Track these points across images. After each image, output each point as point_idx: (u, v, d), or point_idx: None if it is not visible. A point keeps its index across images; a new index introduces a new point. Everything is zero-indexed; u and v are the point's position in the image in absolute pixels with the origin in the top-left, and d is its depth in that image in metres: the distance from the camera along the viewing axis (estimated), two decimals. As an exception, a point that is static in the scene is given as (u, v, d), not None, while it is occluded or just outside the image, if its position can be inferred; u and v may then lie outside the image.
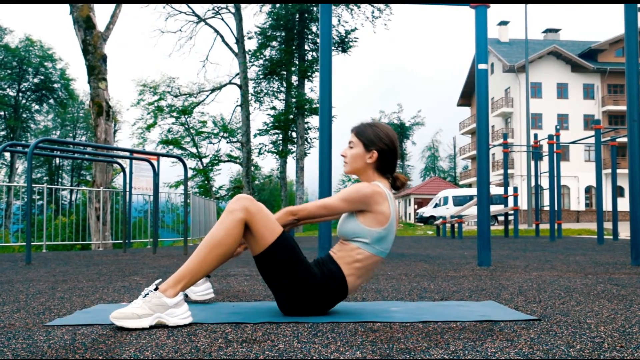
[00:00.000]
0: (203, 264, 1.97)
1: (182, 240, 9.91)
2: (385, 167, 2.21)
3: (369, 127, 2.21)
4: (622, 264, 4.74)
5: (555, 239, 10.77)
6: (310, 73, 26.96)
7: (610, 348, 1.55)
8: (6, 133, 41.85)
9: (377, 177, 2.20)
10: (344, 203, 2.09)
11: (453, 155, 64.14)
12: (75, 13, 12.96)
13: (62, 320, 2.05)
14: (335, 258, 2.12)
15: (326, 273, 2.08)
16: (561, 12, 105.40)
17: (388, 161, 2.20)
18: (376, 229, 2.09)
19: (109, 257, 6.68)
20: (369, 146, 2.18)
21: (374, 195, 2.08)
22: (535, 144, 14.14)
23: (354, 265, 2.10)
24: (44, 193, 9.92)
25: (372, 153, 2.18)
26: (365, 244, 2.10)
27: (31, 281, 3.60)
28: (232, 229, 1.99)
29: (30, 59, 41.84)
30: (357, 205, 2.09)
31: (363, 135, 2.20)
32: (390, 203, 2.12)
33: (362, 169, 2.20)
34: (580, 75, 40.23)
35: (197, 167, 32.77)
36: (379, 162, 2.19)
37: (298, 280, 2.03)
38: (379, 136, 2.18)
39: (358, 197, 2.08)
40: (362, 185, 2.10)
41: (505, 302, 2.46)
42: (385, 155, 2.18)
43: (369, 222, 2.09)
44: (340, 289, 2.10)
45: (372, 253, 2.11)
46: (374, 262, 2.13)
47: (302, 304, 2.06)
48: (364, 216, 2.10)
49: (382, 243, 2.12)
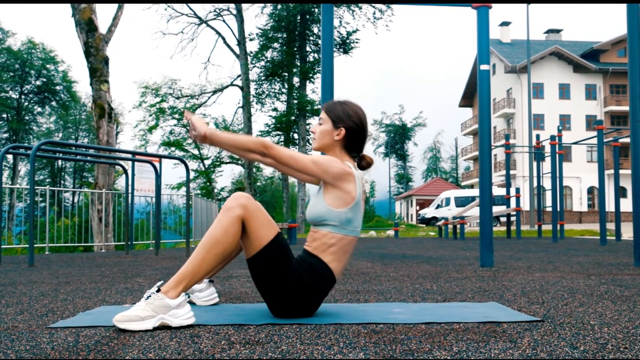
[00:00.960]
0: (202, 263, 1.97)
1: (185, 241, 9.91)
2: (353, 146, 2.21)
3: (339, 105, 2.23)
4: (625, 264, 4.73)
5: (557, 240, 10.75)
6: (311, 74, 26.97)
7: (614, 349, 1.54)
8: (9, 135, 41.96)
9: (344, 155, 2.21)
10: (312, 165, 2.08)
11: (455, 156, 64.10)
12: (78, 15, 12.99)
13: (65, 322, 2.05)
14: (311, 250, 2.13)
15: (308, 268, 2.08)
16: (563, 12, 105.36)
17: (356, 139, 2.20)
18: (342, 210, 2.10)
19: (112, 258, 6.69)
20: (337, 123, 2.18)
21: (344, 173, 2.09)
22: (538, 145, 14.13)
23: (330, 251, 2.11)
24: (46, 195, 9.94)
25: (340, 130, 2.18)
26: (334, 226, 2.10)
27: (34, 283, 3.61)
28: (230, 227, 1.99)
29: (33, 62, 41.95)
30: (322, 174, 2.08)
31: (332, 112, 2.21)
32: (358, 184, 2.13)
33: (329, 146, 2.20)
34: (582, 76, 40.19)
35: (199, 169, 32.81)
36: (346, 139, 2.19)
37: (289, 282, 2.03)
38: (347, 114, 2.19)
39: (328, 167, 2.08)
40: (335, 160, 2.11)
41: (508, 304, 2.46)
42: (353, 133, 2.19)
43: (335, 203, 2.10)
44: (328, 278, 2.11)
45: (344, 234, 2.12)
46: (348, 242, 2.14)
47: (296, 304, 2.06)
48: (331, 196, 2.10)
49: (350, 223, 2.12)
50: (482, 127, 4.60)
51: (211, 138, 2.07)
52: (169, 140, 31.89)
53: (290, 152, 2.11)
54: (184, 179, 16.86)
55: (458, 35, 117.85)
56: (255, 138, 2.10)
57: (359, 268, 4.59)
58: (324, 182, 2.13)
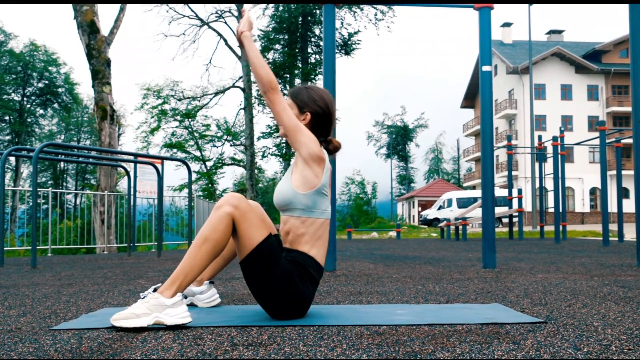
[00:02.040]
0: (194, 262, 1.98)
1: (187, 243, 9.91)
2: (319, 130, 2.22)
3: (304, 90, 2.25)
4: (628, 265, 4.72)
5: (560, 241, 10.73)
6: (313, 76, 26.99)
7: (618, 351, 1.54)
8: (11, 137, 42.05)
9: None
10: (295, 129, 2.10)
11: (457, 157, 64.06)
12: (80, 17, 13.02)
13: (68, 324, 2.05)
14: (289, 245, 2.14)
15: (293, 264, 2.07)
16: (565, 13, 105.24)
17: (322, 124, 2.22)
18: (307, 192, 2.11)
19: (114, 260, 6.69)
20: (302, 108, 2.20)
21: (320, 155, 2.12)
22: (540, 146, 14.11)
23: (305, 239, 2.11)
24: (49, 197, 9.95)
25: (306, 115, 2.20)
26: (302, 210, 2.11)
27: (37, 285, 3.61)
28: (219, 224, 1.99)
29: (35, 64, 42.05)
30: (299, 144, 2.10)
31: (298, 97, 2.23)
32: (325, 173, 2.15)
33: None
34: (584, 77, 40.15)
35: (201, 171, 32.80)
36: (312, 124, 2.20)
37: (281, 283, 2.03)
38: (313, 98, 2.21)
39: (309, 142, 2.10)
40: (317, 142, 2.14)
41: (511, 305, 2.46)
42: (318, 117, 2.20)
43: (301, 184, 2.11)
44: (313, 267, 2.11)
45: (312, 217, 2.12)
46: (319, 225, 2.14)
47: (291, 304, 2.05)
48: (298, 177, 2.12)
49: (316, 206, 2.13)
50: (484, 128, 4.60)
51: (244, 40, 2.17)
52: (171, 142, 31.89)
53: (285, 106, 2.13)
54: (186, 180, 16.89)
55: (460, 36, 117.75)
56: (271, 74, 2.12)
57: (361, 269, 4.59)
58: (298, 156, 2.15)
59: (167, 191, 27.33)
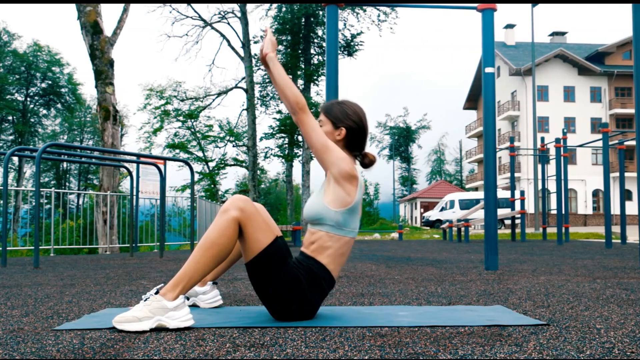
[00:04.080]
0: (198, 265, 1.97)
1: (189, 244, 9.91)
2: (354, 145, 2.21)
3: (337, 105, 2.23)
4: (631, 268, 4.71)
5: (562, 243, 10.71)
6: (316, 77, 26.99)
7: (621, 353, 1.53)
8: (14, 137, 42.13)
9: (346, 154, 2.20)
10: (324, 149, 2.08)
11: (459, 159, 63.99)
12: (83, 18, 13.05)
13: (70, 324, 2.05)
14: (309, 253, 2.13)
15: (306, 270, 2.07)
16: (568, 14, 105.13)
17: (357, 138, 2.20)
18: (339, 210, 2.09)
19: (116, 261, 6.70)
20: (336, 123, 2.19)
21: (352, 174, 2.09)
22: (542, 148, 14.09)
23: (327, 253, 2.11)
24: (51, 197, 9.97)
25: (341, 130, 2.18)
26: (330, 226, 2.10)
27: (39, 285, 3.62)
28: (226, 229, 1.99)
29: (38, 64, 42.14)
30: (330, 163, 2.08)
31: (331, 113, 2.21)
32: (359, 189, 2.13)
33: None
34: (587, 78, 40.08)
35: (203, 171, 32.83)
36: (347, 139, 2.19)
37: (288, 286, 2.03)
38: (346, 113, 2.19)
39: (338, 160, 2.08)
40: (349, 160, 2.12)
41: (513, 307, 2.45)
42: (353, 132, 2.19)
43: (333, 202, 2.10)
44: (327, 280, 2.11)
45: (340, 235, 2.12)
46: (344, 243, 2.14)
47: (295, 307, 2.05)
48: (331, 195, 2.10)
49: (346, 225, 2.12)
50: (487, 129, 4.60)
51: (269, 62, 2.14)
52: (174, 143, 31.93)
53: (314, 126, 2.10)
54: (189, 181, 16.87)
55: (462, 37, 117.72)
56: (298, 94, 2.09)
57: (363, 271, 4.59)
58: (329, 175, 2.13)
59: (170, 192, 27.33)
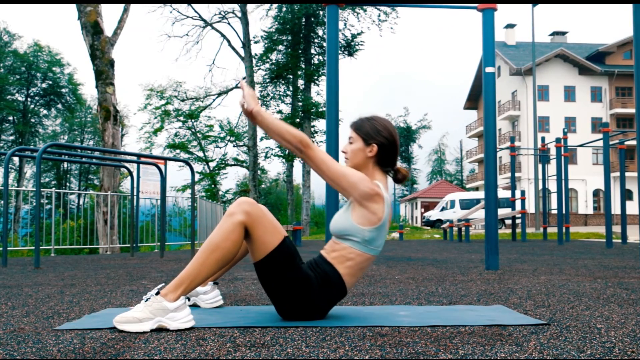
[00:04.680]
0: (202, 268, 1.97)
1: (190, 244, 9.92)
2: (386, 161, 2.19)
3: (367, 121, 2.20)
4: (632, 267, 4.70)
5: (563, 243, 10.71)
6: (316, 77, 27.00)
7: (621, 353, 1.53)
8: (15, 138, 42.16)
9: (377, 171, 2.19)
10: (342, 177, 2.06)
11: (460, 159, 63.99)
12: (83, 18, 13.05)
13: (71, 324, 2.05)
14: (329, 258, 2.12)
15: (321, 274, 2.07)
16: (568, 14, 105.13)
17: (388, 154, 2.18)
18: (367, 228, 2.09)
19: (117, 261, 6.70)
20: (368, 140, 2.16)
21: (372, 193, 2.07)
22: (543, 147, 14.09)
23: (347, 264, 2.10)
24: (52, 197, 9.98)
25: (372, 147, 2.16)
26: (356, 242, 2.10)
27: (40, 285, 3.62)
28: (231, 233, 1.98)
29: (39, 64, 42.16)
30: (350, 189, 2.06)
31: (361, 130, 2.18)
32: (386, 206, 2.11)
33: (363, 164, 2.18)
34: (587, 78, 40.07)
35: (204, 171, 32.85)
36: (379, 155, 2.17)
37: (297, 285, 2.03)
38: (377, 129, 2.17)
39: (357, 184, 2.06)
40: (366, 180, 2.08)
41: (514, 307, 2.45)
42: (385, 148, 2.17)
43: (361, 221, 2.08)
44: (339, 289, 2.11)
45: (364, 251, 2.11)
46: (366, 259, 2.13)
47: (303, 308, 2.06)
48: (358, 214, 2.09)
49: (372, 242, 2.11)
50: (487, 129, 4.60)
51: (257, 116, 2.05)
52: (174, 143, 31.95)
53: (323, 157, 2.07)
54: (189, 181, 16.85)
55: (463, 37, 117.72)
56: (297, 133, 2.05)
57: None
58: (352, 199, 2.11)
59: (170, 192, 27.33)
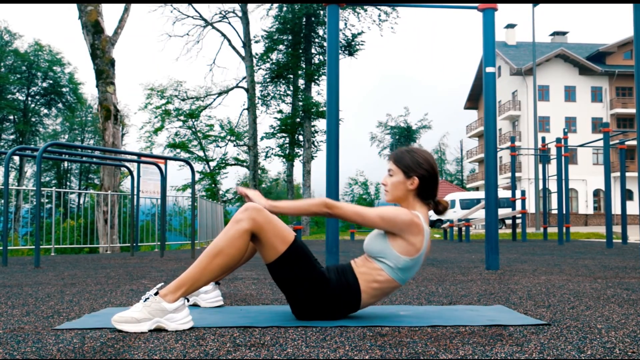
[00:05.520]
0: (204, 272, 1.97)
1: (190, 243, 9.92)
2: (427, 193, 2.16)
3: (407, 154, 2.17)
4: (632, 268, 4.70)
5: (563, 243, 10.71)
6: (317, 76, 26.99)
7: (622, 353, 1.53)
8: (15, 137, 42.16)
9: (418, 203, 2.15)
10: (379, 220, 2.05)
11: (460, 159, 63.97)
12: (84, 18, 13.06)
13: (70, 323, 2.05)
14: (356, 271, 2.11)
15: (343, 282, 2.07)
16: (568, 14, 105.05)
17: (429, 186, 2.15)
18: (404, 257, 2.06)
19: (117, 260, 6.70)
20: (408, 173, 2.13)
21: (411, 225, 2.04)
22: (543, 147, 14.09)
23: (372, 285, 2.09)
24: (52, 196, 9.98)
25: (413, 179, 2.13)
26: (389, 267, 2.07)
27: (40, 284, 3.62)
28: (236, 240, 1.98)
29: (39, 64, 42.15)
30: (390, 227, 2.05)
31: (402, 163, 2.15)
32: (425, 237, 2.09)
33: (403, 197, 2.16)
34: (588, 78, 40.06)
35: (204, 171, 32.86)
36: (420, 188, 2.14)
37: (311, 286, 2.03)
38: (417, 162, 2.14)
39: (395, 220, 2.04)
40: (403, 212, 2.05)
41: (514, 307, 2.45)
42: (426, 180, 2.14)
43: (398, 248, 2.06)
44: (353, 302, 2.09)
45: (393, 278, 2.08)
46: (392, 287, 2.11)
47: (315, 308, 2.06)
48: (395, 240, 2.07)
49: (405, 272, 2.09)
50: (488, 129, 4.59)
51: (272, 210, 2.09)
52: (175, 142, 31.96)
53: (355, 209, 2.07)
54: (189, 180, 16.88)
55: (463, 37, 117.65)
56: (317, 201, 2.06)
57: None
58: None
59: (170, 191, 27.35)
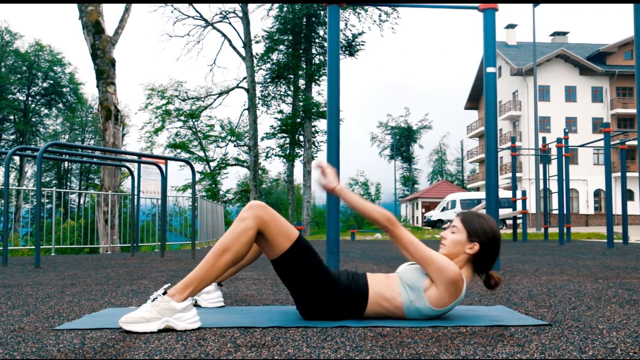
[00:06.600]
0: (211, 270, 1.98)
1: (190, 243, 9.92)
2: (483, 264, 2.12)
3: (476, 218, 2.14)
4: (633, 268, 4.70)
5: (564, 243, 10.70)
6: (317, 77, 27.00)
7: (623, 354, 1.53)
8: (16, 137, 42.19)
9: (468, 269, 2.12)
10: (430, 261, 2.01)
11: (461, 159, 63.95)
12: (85, 18, 13.06)
13: (71, 324, 2.05)
14: (370, 282, 2.09)
15: (352, 286, 2.06)
16: (569, 14, 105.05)
17: (487, 257, 2.11)
18: (428, 304, 2.04)
19: (117, 260, 6.70)
20: (472, 236, 2.10)
21: (454, 284, 2.01)
22: (544, 147, 14.08)
23: (380, 300, 2.07)
24: (52, 197, 9.98)
25: (474, 244, 2.09)
26: (408, 299, 2.05)
27: (40, 285, 3.62)
28: (242, 237, 1.99)
29: (40, 64, 42.18)
30: (434, 274, 2.02)
31: (469, 224, 2.12)
32: (457, 301, 2.07)
33: (457, 256, 2.12)
34: (588, 78, 40.04)
35: (205, 171, 32.85)
36: (477, 255, 2.10)
37: (314, 283, 2.03)
38: (484, 229, 2.10)
39: (442, 272, 2.00)
40: (454, 268, 2.01)
41: (515, 307, 2.45)
42: (486, 249, 2.10)
43: (429, 293, 2.03)
44: (357, 307, 2.08)
45: (403, 309, 2.06)
46: (396, 314, 2.08)
47: (317, 306, 2.06)
48: (432, 286, 2.04)
49: (417, 313, 2.06)
50: (488, 129, 4.59)
51: (339, 193, 2.13)
52: (175, 142, 31.96)
53: (411, 238, 2.06)
54: (190, 180, 16.88)
55: (464, 37, 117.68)
56: (382, 211, 2.06)
57: (364, 270, 4.58)
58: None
59: (171, 191, 27.34)
